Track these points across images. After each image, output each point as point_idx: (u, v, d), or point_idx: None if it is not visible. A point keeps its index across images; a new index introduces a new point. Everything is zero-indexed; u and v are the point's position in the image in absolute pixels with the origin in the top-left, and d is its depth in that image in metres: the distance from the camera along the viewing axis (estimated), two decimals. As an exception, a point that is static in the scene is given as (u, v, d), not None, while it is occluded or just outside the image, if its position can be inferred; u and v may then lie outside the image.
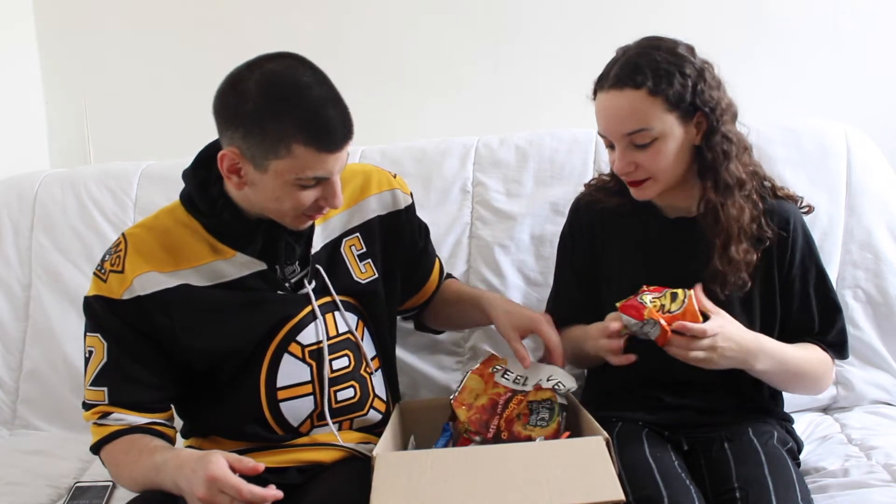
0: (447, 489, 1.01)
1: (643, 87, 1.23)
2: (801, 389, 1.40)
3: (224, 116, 1.15)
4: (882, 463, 1.34)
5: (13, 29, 2.14)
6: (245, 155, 1.13)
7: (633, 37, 1.34)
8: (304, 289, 1.28)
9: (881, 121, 1.91)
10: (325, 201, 1.19)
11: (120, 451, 1.22)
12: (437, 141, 1.85)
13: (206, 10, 2.14)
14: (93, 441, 1.25)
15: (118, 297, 1.21)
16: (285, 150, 1.10)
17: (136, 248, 1.23)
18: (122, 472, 1.23)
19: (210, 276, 1.24)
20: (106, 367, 1.22)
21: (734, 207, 1.29)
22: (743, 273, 1.29)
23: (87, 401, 1.25)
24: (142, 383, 1.23)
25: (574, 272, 1.47)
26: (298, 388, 1.27)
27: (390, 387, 1.41)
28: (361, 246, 1.36)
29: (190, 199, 1.26)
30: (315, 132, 1.10)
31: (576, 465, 1.03)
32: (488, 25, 2.08)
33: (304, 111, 1.10)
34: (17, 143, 2.12)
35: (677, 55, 1.26)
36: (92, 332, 1.25)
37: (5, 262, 1.85)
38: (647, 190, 1.32)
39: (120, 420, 1.22)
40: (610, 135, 1.29)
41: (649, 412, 1.35)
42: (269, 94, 1.11)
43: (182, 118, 2.16)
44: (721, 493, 1.19)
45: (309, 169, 1.13)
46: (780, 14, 1.99)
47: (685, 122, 1.27)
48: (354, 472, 1.22)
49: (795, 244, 1.35)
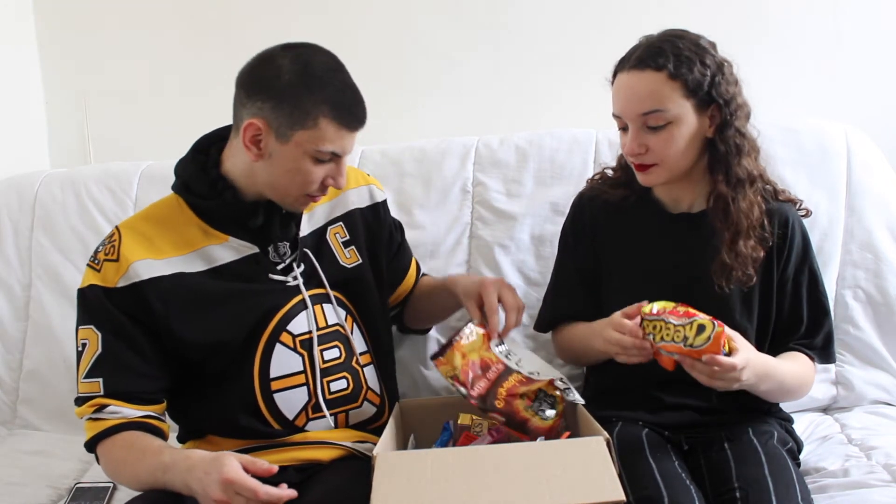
0: (447, 489, 1.01)
1: (664, 70, 1.26)
2: (787, 399, 1.41)
3: (254, 88, 1.22)
4: (882, 463, 1.34)
5: (13, 29, 2.14)
6: (271, 125, 1.20)
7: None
8: (293, 271, 1.31)
9: (881, 121, 1.91)
10: (332, 180, 1.25)
11: (120, 449, 1.22)
12: (437, 141, 1.85)
13: (206, 11, 2.14)
14: (88, 437, 1.24)
15: (113, 286, 1.23)
16: (312, 122, 1.19)
17: (130, 236, 1.26)
18: (123, 470, 1.23)
19: (203, 261, 1.27)
20: (100, 357, 1.23)
21: (745, 202, 1.31)
22: (749, 268, 1.31)
23: (80, 395, 1.25)
24: (137, 372, 1.24)
25: (576, 266, 1.47)
26: (292, 379, 1.28)
27: (385, 381, 1.42)
28: (345, 234, 1.41)
29: (185, 186, 1.30)
30: (342, 109, 1.21)
31: (576, 465, 1.03)
32: (488, 25, 2.08)
33: (334, 90, 1.21)
34: (17, 143, 2.12)
35: (699, 46, 1.29)
36: (85, 324, 1.25)
37: (5, 262, 1.85)
38: (653, 176, 1.33)
39: (116, 413, 1.22)
40: (625, 114, 1.31)
41: (649, 412, 1.35)
42: (304, 71, 1.20)
43: (182, 118, 2.16)
44: (721, 493, 1.19)
45: (329, 142, 1.21)
46: (780, 14, 1.99)
47: (700, 111, 1.29)
48: (353, 470, 1.22)
49: (793, 245, 1.36)
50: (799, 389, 1.36)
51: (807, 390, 1.39)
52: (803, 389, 1.38)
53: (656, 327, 1.18)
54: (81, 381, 1.24)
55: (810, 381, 1.38)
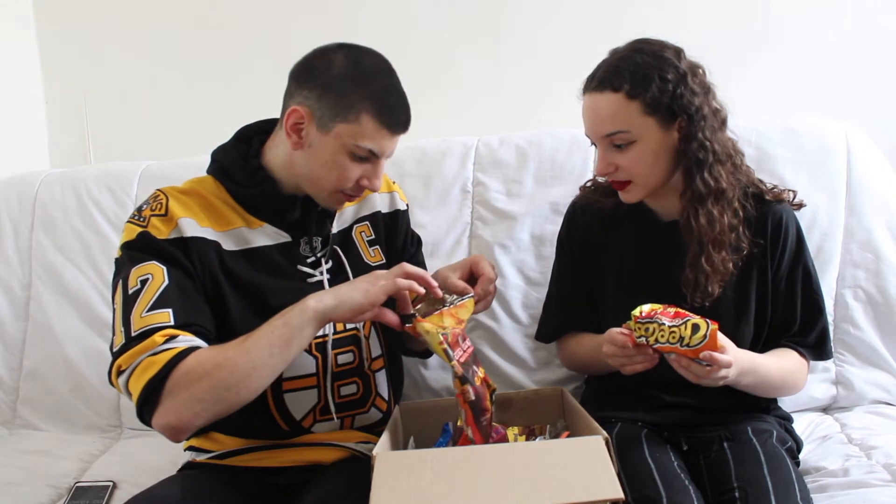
0: (447, 488, 1.00)
1: (621, 91, 1.25)
2: (773, 395, 1.41)
3: (304, 77, 1.23)
4: (882, 463, 1.34)
5: (13, 28, 2.15)
6: (314, 114, 1.22)
7: (633, 36, 1.34)
8: (320, 266, 1.31)
9: (881, 121, 1.91)
10: (368, 181, 1.26)
11: (213, 353, 1.10)
12: (437, 141, 1.86)
13: (206, 11, 2.14)
14: (157, 369, 1.08)
15: (165, 237, 1.20)
16: (354, 116, 1.20)
17: (176, 198, 1.25)
18: (233, 359, 1.09)
19: (237, 241, 1.27)
20: (168, 288, 1.15)
21: (704, 217, 1.29)
22: (714, 283, 1.30)
23: (141, 330, 1.11)
24: (203, 311, 1.19)
25: (575, 275, 1.47)
26: (303, 380, 1.28)
27: (394, 387, 1.42)
28: (371, 233, 1.42)
29: (224, 172, 1.30)
30: (385, 108, 1.22)
31: (575, 464, 1.03)
32: (488, 25, 2.08)
33: (380, 88, 1.22)
34: (17, 143, 2.12)
35: (660, 58, 1.26)
36: (143, 262, 1.17)
37: (5, 262, 1.85)
38: (631, 193, 1.33)
39: (191, 341, 1.12)
40: (591, 135, 1.32)
41: (649, 412, 1.35)
42: (355, 66, 1.22)
43: (182, 118, 2.17)
44: (720, 492, 1.19)
45: (368, 139, 1.21)
46: (780, 14, 1.99)
47: (666, 126, 1.27)
48: (355, 472, 1.22)
49: (786, 244, 1.36)
50: (784, 386, 1.35)
51: (797, 387, 1.39)
52: (791, 386, 1.37)
53: (649, 329, 1.18)
54: (142, 317, 1.12)
55: (801, 378, 1.38)
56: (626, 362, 1.22)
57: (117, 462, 1.61)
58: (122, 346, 1.12)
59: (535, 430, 1.34)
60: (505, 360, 1.69)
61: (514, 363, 1.68)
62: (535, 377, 1.67)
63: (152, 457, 1.59)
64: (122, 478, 1.52)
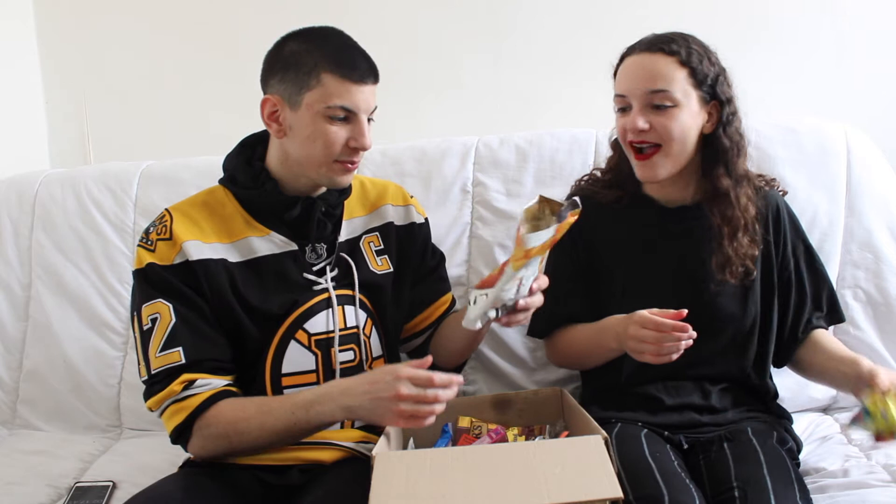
0: (446, 488, 1.01)
1: (675, 55, 1.30)
2: None
3: (266, 71, 1.28)
4: (882, 463, 1.35)
5: (13, 28, 2.15)
6: (283, 98, 1.25)
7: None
8: (325, 274, 1.33)
9: (881, 121, 1.92)
10: (355, 140, 1.26)
11: (231, 411, 1.21)
12: (437, 141, 1.86)
13: (206, 10, 2.14)
14: (182, 417, 1.20)
15: (170, 263, 1.25)
16: (315, 79, 1.22)
17: (179, 218, 1.29)
18: (245, 427, 1.20)
19: (245, 252, 1.30)
20: (176, 327, 1.23)
21: (745, 196, 1.35)
22: (748, 261, 1.35)
23: (158, 370, 1.22)
24: (213, 341, 1.26)
25: (574, 269, 1.47)
26: (303, 377, 1.30)
27: None
28: (379, 243, 1.42)
29: (231, 178, 1.34)
30: (341, 61, 1.23)
31: (575, 463, 1.03)
32: (488, 24, 2.08)
33: (332, 46, 1.26)
34: (17, 143, 2.12)
35: (706, 48, 1.35)
36: (152, 299, 1.25)
37: (5, 262, 1.85)
38: (655, 164, 1.34)
39: (207, 385, 1.22)
40: (631, 92, 1.32)
41: (649, 413, 1.35)
42: (305, 38, 1.27)
43: (182, 118, 2.17)
44: (720, 492, 1.19)
45: (336, 97, 1.23)
46: (779, 13, 2.00)
47: (702, 104, 1.33)
48: (355, 472, 1.22)
49: (786, 228, 1.42)
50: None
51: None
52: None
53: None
54: (157, 356, 1.22)
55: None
56: (657, 350, 1.20)
57: (117, 462, 1.61)
58: (147, 388, 1.25)
59: (535, 430, 1.34)
60: (504, 361, 1.69)
61: (514, 363, 1.69)
62: (535, 377, 1.67)
63: (152, 457, 1.58)
64: (121, 478, 1.52)
